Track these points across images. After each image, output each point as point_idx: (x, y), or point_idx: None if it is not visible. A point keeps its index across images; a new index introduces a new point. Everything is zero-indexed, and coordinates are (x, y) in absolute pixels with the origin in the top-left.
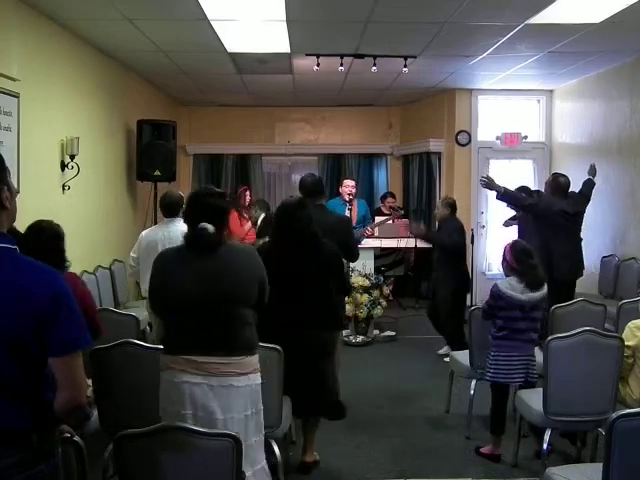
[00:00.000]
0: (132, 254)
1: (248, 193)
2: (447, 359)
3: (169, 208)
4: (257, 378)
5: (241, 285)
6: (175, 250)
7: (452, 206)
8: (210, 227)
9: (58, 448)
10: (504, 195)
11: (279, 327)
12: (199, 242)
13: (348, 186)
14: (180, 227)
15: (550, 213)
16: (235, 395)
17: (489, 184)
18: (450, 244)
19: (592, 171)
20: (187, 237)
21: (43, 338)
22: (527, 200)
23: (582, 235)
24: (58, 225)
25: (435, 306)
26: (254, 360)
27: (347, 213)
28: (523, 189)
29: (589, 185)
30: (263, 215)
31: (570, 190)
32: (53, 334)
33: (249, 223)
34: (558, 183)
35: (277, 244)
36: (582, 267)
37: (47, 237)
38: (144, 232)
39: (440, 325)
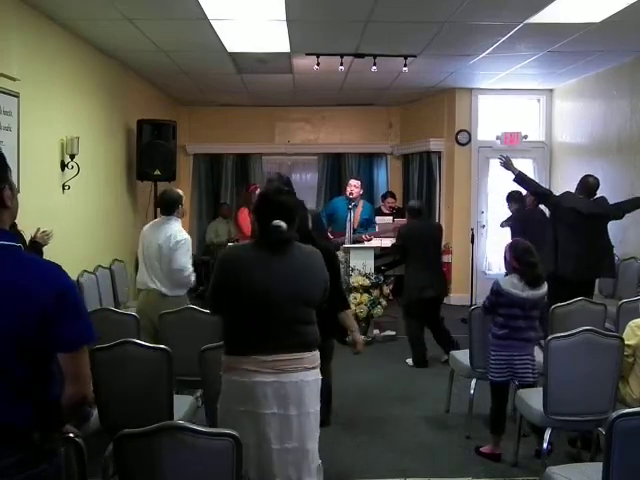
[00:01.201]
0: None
1: (259, 191)
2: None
3: (167, 206)
4: (320, 372)
5: (313, 285)
6: (245, 248)
7: (410, 210)
8: (284, 224)
9: (61, 448)
10: (520, 178)
11: None
12: (274, 239)
13: (351, 185)
14: (169, 226)
15: (561, 208)
16: (308, 390)
17: (506, 164)
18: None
19: None
20: (261, 234)
21: (48, 336)
22: (541, 188)
23: (607, 239)
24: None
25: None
26: (318, 356)
27: (349, 213)
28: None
29: (634, 201)
30: None
31: (601, 195)
32: (58, 332)
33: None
34: (586, 183)
35: None
36: (598, 271)
37: None
38: (145, 227)
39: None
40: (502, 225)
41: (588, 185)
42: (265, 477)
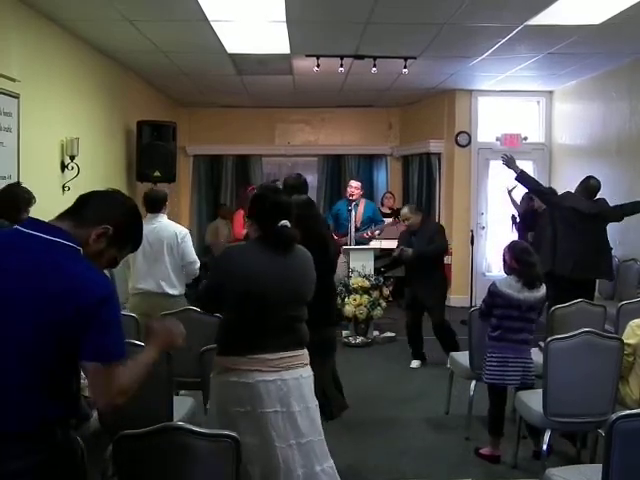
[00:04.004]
0: None
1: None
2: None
3: (154, 204)
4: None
5: (311, 284)
6: (246, 249)
7: (422, 211)
8: (289, 224)
9: (80, 448)
10: (521, 176)
11: None
12: (282, 240)
13: (352, 187)
14: (165, 222)
15: (561, 207)
16: (305, 385)
17: (509, 162)
18: (435, 250)
19: None
20: (267, 236)
21: (77, 339)
22: (542, 186)
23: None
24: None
25: (419, 315)
26: (308, 353)
27: (348, 214)
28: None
29: (634, 205)
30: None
31: (601, 197)
32: (85, 339)
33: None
34: (586, 184)
35: None
36: (597, 272)
37: None
38: None
39: (418, 336)
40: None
41: (590, 186)
42: (270, 476)
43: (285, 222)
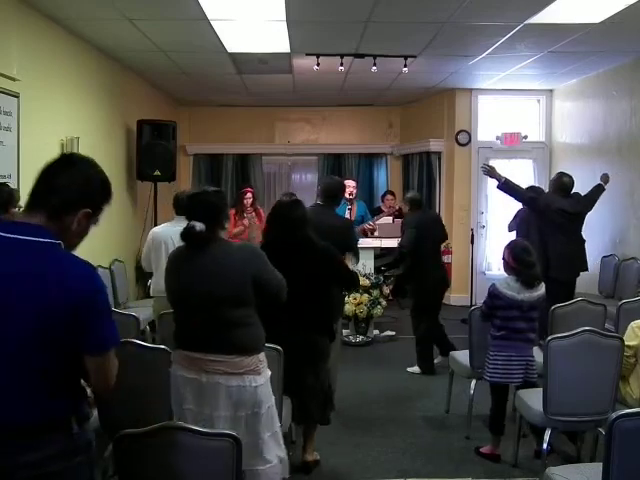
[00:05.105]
0: (144, 249)
1: (250, 195)
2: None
3: (177, 206)
4: (255, 380)
5: (228, 284)
6: (181, 248)
7: (412, 202)
8: (198, 225)
9: (94, 440)
10: (504, 185)
11: (271, 330)
12: (187, 240)
13: (350, 186)
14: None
15: (549, 211)
16: (224, 394)
17: (490, 172)
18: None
19: (606, 179)
20: (180, 236)
21: (75, 337)
22: (527, 193)
23: (582, 235)
24: None
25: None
26: (251, 361)
27: (347, 213)
28: (532, 189)
29: (598, 190)
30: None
31: (575, 191)
32: (86, 333)
33: (246, 223)
34: (561, 182)
35: (269, 243)
36: (581, 267)
37: None
38: (155, 228)
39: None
40: (510, 228)
41: (564, 184)
42: None
43: (193, 222)
